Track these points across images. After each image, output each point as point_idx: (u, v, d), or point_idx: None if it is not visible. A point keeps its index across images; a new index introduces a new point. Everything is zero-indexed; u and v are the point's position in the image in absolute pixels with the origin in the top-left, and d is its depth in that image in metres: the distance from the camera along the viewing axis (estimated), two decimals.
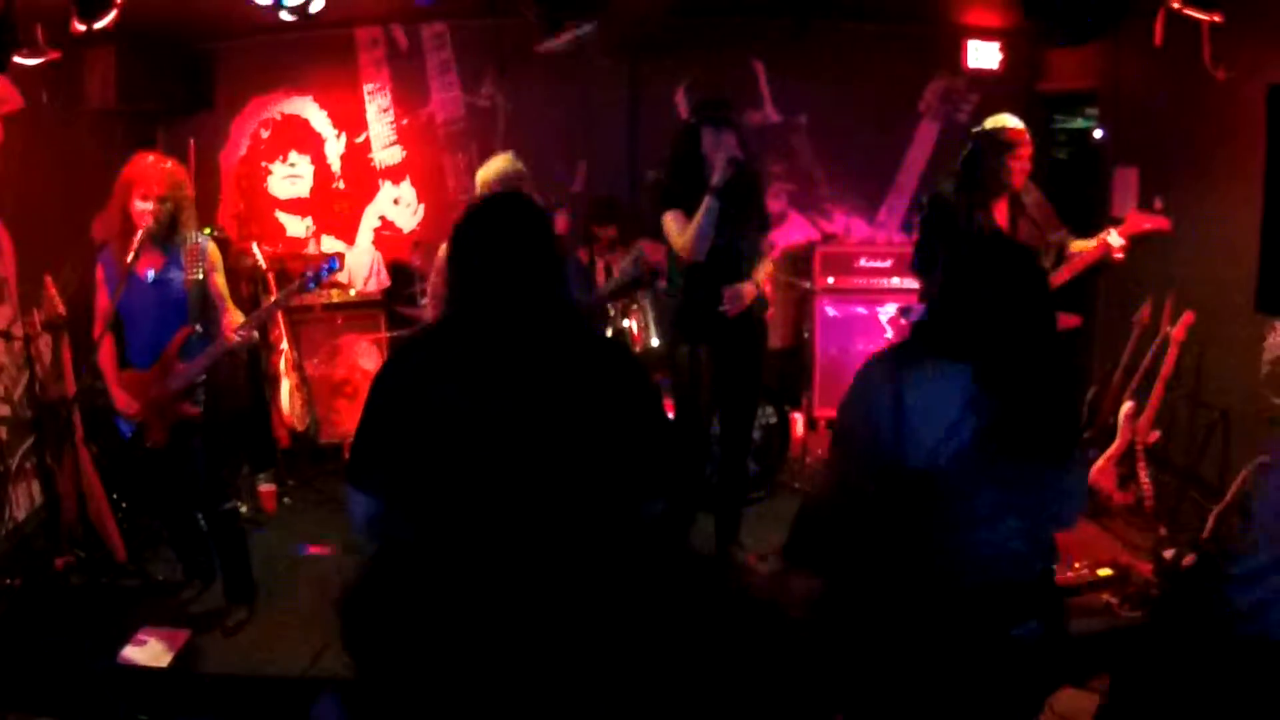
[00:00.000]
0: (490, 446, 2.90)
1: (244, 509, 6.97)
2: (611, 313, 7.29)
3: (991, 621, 3.22)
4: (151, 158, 5.36)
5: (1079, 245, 6.13)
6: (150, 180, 5.22)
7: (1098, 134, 8.46)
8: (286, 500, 7.60)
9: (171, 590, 6.06)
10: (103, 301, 5.45)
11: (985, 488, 3.19)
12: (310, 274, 5.52)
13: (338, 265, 5.65)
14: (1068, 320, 6.23)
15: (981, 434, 3.13)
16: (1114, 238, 6.01)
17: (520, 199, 3.14)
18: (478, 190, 5.81)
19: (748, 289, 5.78)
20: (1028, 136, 5.97)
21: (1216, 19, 5.73)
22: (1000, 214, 6.02)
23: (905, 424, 3.17)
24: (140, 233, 5.19)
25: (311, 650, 5.17)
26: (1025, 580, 3.28)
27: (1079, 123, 9.17)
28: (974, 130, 6.13)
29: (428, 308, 6.03)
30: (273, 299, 6.09)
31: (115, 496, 6.39)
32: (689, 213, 5.69)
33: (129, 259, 5.19)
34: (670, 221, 5.81)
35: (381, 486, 2.97)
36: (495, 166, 5.80)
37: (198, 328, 5.37)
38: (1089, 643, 5.59)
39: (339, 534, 6.50)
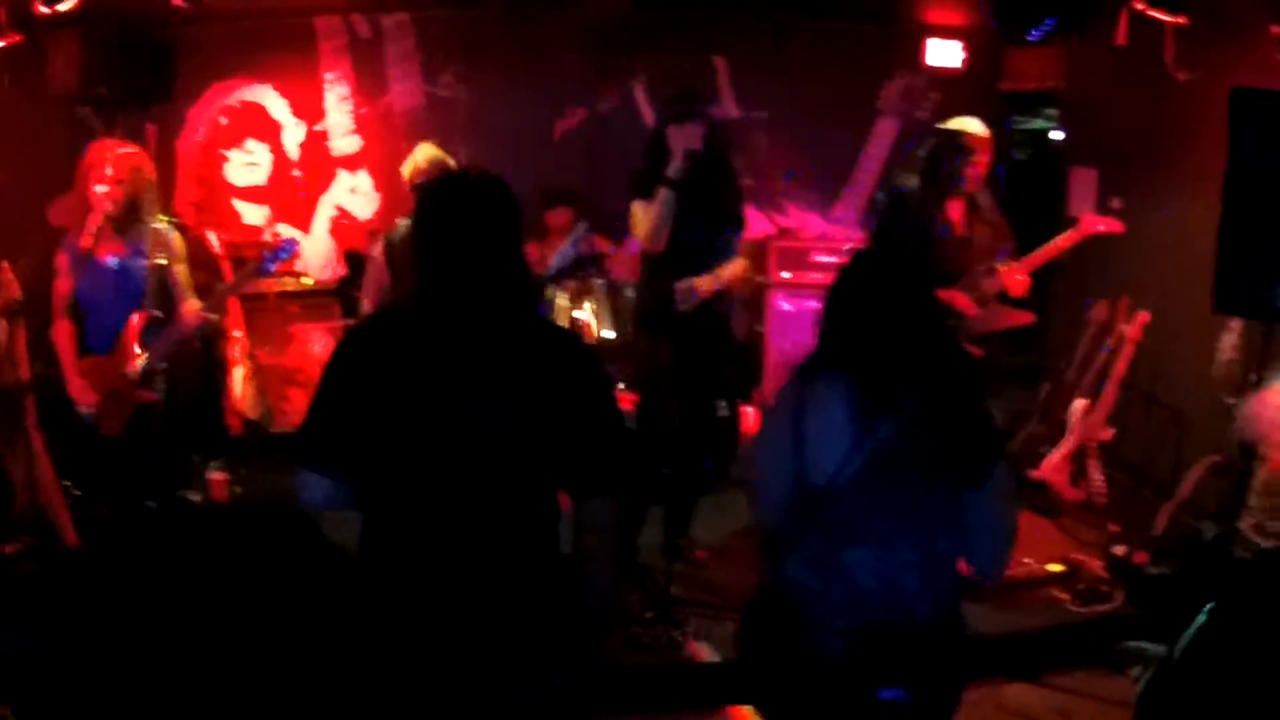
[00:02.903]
0: (442, 427, 2.88)
1: (195, 497, 6.90)
2: (563, 303, 7.25)
3: (863, 673, 3.16)
4: (111, 142, 5.34)
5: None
6: (109, 164, 5.19)
7: (1057, 135, 8.52)
8: (238, 489, 7.49)
9: None
10: (62, 287, 5.39)
11: (879, 511, 3.15)
12: (267, 255, 5.52)
13: (293, 249, 5.64)
14: (1019, 317, 6.27)
15: (877, 451, 3.11)
16: (1017, 277, 6.08)
17: (491, 177, 3.09)
18: (409, 175, 5.77)
19: (701, 283, 5.76)
20: (989, 144, 5.99)
21: (1180, 21, 5.78)
22: (955, 213, 6.05)
23: (806, 443, 3.18)
24: (98, 217, 5.16)
25: None
26: (915, 626, 3.18)
27: (1038, 123, 9.24)
28: (937, 126, 6.15)
29: (365, 300, 6.01)
30: (229, 284, 6.10)
31: (68, 483, 6.33)
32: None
33: (87, 244, 5.15)
34: (636, 210, 5.82)
35: (334, 463, 2.95)
36: (428, 153, 5.79)
37: (156, 313, 5.33)
38: (1040, 639, 5.64)
39: None
